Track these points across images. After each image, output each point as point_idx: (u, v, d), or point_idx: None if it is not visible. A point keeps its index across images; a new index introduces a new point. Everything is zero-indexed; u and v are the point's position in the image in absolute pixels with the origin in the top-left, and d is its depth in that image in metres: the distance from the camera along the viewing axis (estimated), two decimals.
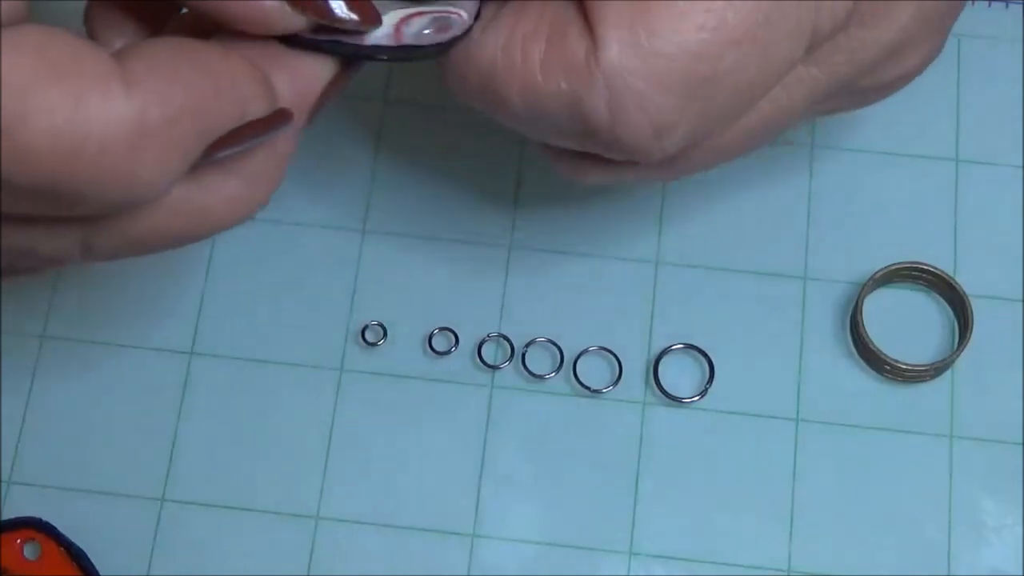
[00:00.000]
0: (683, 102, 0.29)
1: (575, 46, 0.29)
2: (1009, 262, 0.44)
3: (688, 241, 0.44)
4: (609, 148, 0.31)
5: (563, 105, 0.30)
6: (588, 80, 0.29)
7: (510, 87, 0.30)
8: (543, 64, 0.30)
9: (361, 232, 0.44)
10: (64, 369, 0.43)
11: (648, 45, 0.29)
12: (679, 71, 0.29)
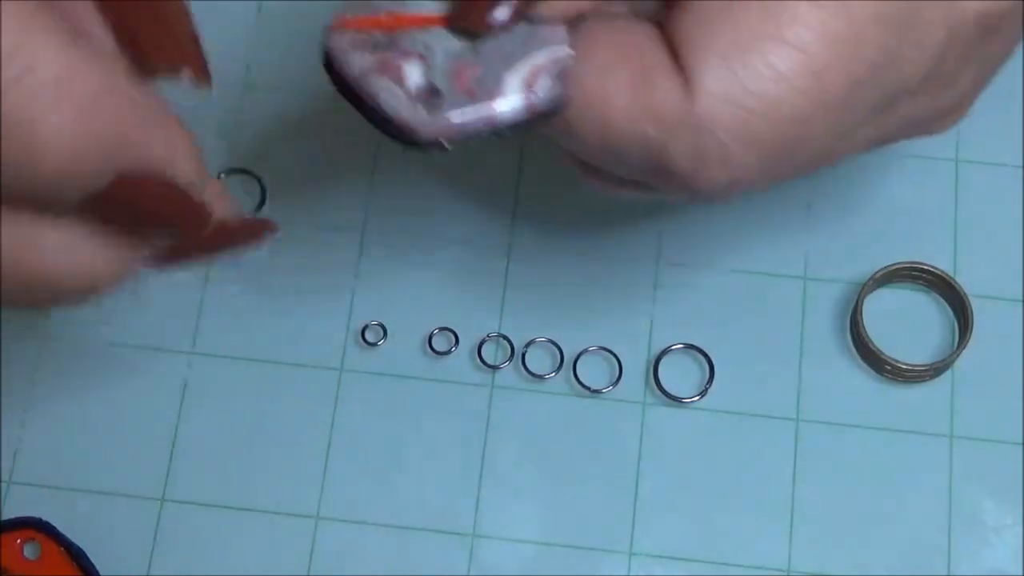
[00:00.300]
0: (767, 162, 0.29)
1: (665, 92, 0.29)
2: (1009, 262, 0.44)
3: (688, 241, 0.44)
4: (672, 187, 0.31)
5: (642, 148, 0.29)
6: (677, 130, 0.29)
7: (584, 121, 0.29)
8: (628, 105, 0.29)
9: (361, 232, 0.45)
10: (64, 369, 0.43)
11: (745, 103, 0.28)
12: (772, 132, 0.29)
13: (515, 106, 0.28)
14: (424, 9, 0.29)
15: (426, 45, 0.29)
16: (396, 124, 0.28)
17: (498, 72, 0.28)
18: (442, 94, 0.28)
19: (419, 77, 0.28)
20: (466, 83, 0.28)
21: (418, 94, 0.29)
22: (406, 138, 0.28)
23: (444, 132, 0.28)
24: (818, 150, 0.30)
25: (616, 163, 0.31)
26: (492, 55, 0.29)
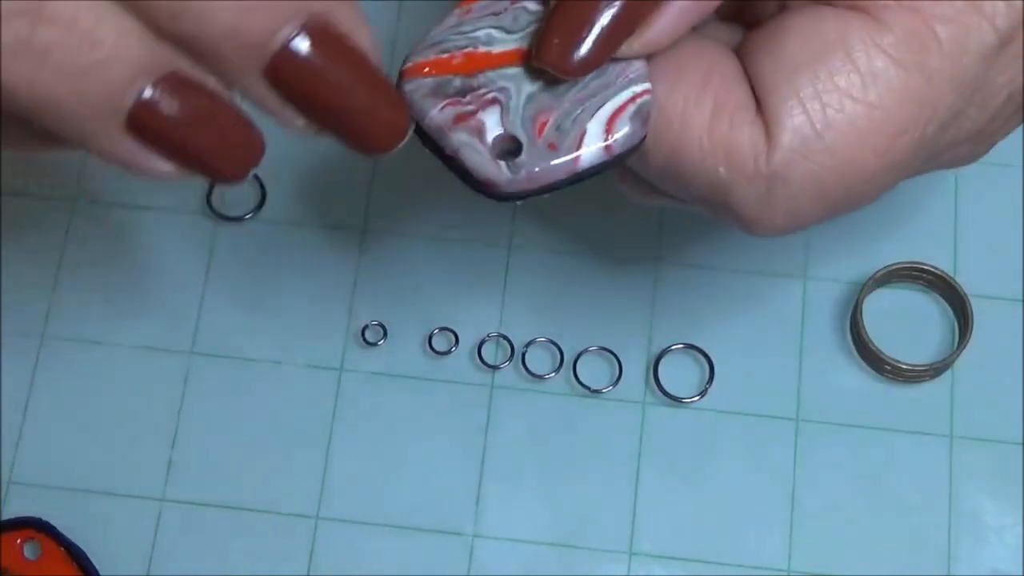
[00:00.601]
0: (829, 212, 0.30)
1: (746, 134, 0.28)
2: (1009, 262, 0.44)
3: (688, 241, 0.44)
4: (721, 217, 0.30)
5: (708, 184, 0.29)
6: (751, 174, 0.29)
7: (659, 146, 0.29)
8: (705, 140, 0.29)
9: (361, 232, 0.45)
10: (64, 369, 0.43)
11: (822, 160, 0.28)
12: (842, 188, 0.29)
13: (595, 154, 0.28)
14: (498, 47, 0.29)
15: (502, 87, 0.28)
16: (479, 181, 0.28)
17: (577, 117, 0.28)
18: (522, 146, 0.28)
19: (497, 126, 0.28)
20: (545, 132, 0.28)
21: (498, 147, 0.28)
22: (488, 193, 0.28)
23: (526, 188, 0.28)
24: (872, 198, 0.30)
25: (671, 186, 0.30)
26: (571, 95, 0.28)
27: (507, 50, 0.29)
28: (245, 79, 0.25)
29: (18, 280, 0.44)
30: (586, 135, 0.28)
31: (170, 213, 0.45)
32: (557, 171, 0.28)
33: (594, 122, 0.28)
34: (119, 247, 0.45)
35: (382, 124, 0.27)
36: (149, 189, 0.45)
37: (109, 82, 0.24)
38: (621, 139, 0.28)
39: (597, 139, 0.28)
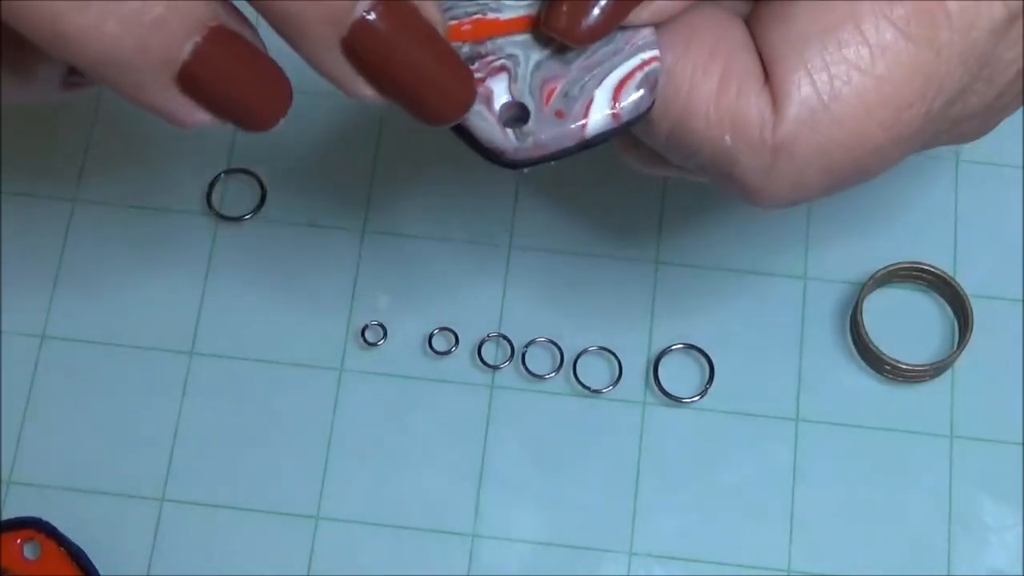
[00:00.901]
0: (834, 185, 0.29)
1: (753, 104, 0.28)
2: (1009, 262, 0.44)
3: (688, 241, 0.44)
4: (726, 188, 0.30)
5: (714, 152, 0.29)
6: (756, 145, 0.28)
7: (666, 114, 0.29)
8: (712, 109, 0.28)
9: (361, 232, 0.45)
10: (64, 369, 0.43)
11: (828, 132, 0.28)
12: (848, 161, 0.29)
13: (602, 122, 0.28)
14: (507, 13, 0.29)
15: (511, 54, 0.28)
16: (486, 149, 0.28)
17: (585, 84, 0.28)
18: (530, 114, 0.28)
19: (505, 93, 0.28)
20: (552, 99, 0.28)
21: (505, 114, 0.28)
22: (495, 161, 0.28)
23: (533, 156, 0.28)
24: (879, 171, 0.30)
25: (676, 155, 0.30)
26: (579, 62, 0.28)
27: (516, 16, 0.29)
28: (322, 48, 0.26)
29: (18, 280, 0.44)
30: (593, 103, 0.28)
31: (170, 213, 0.45)
32: (564, 139, 0.28)
33: (601, 89, 0.28)
34: (119, 247, 0.45)
35: (449, 95, 0.27)
36: (149, 189, 0.45)
37: (170, 35, 0.25)
38: (628, 107, 0.28)
39: (604, 107, 0.28)
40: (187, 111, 0.27)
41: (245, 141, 0.45)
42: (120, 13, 0.24)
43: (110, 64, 0.25)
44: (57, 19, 0.24)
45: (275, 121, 0.28)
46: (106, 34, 0.24)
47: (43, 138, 0.46)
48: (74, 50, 0.25)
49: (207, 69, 0.26)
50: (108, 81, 0.26)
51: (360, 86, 0.27)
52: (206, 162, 0.45)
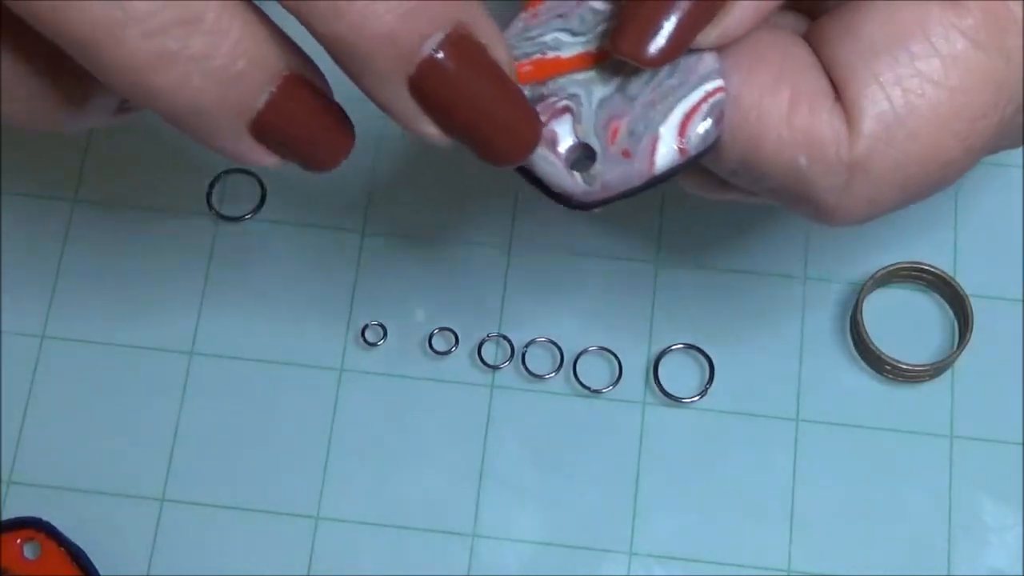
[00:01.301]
0: (908, 200, 0.29)
1: (826, 123, 0.28)
2: (1009, 262, 0.44)
3: (688, 241, 0.44)
4: (800, 210, 0.30)
5: (788, 175, 0.28)
6: (832, 164, 0.28)
7: (736, 141, 0.28)
8: (784, 131, 0.28)
9: (361, 232, 0.45)
10: (64, 369, 0.43)
11: (905, 147, 0.28)
12: (924, 175, 0.28)
13: (670, 158, 0.27)
14: (567, 51, 0.28)
15: (573, 94, 0.28)
16: (555, 193, 0.28)
17: (650, 120, 0.27)
18: (596, 154, 0.28)
19: (570, 135, 0.28)
20: (618, 138, 0.28)
21: (571, 156, 0.28)
22: (564, 204, 0.28)
23: (602, 197, 0.28)
24: (952, 182, 0.30)
25: (745, 181, 0.30)
26: (642, 97, 0.28)
27: (577, 54, 0.28)
28: (388, 85, 0.26)
29: (18, 280, 0.44)
30: (660, 139, 0.27)
31: (170, 213, 0.45)
32: (632, 178, 0.28)
33: (667, 125, 0.27)
34: (119, 247, 0.45)
35: (514, 136, 0.27)
36: (149, 189, 0.45)
37: (248, 88, 0.26)
38: (696, 141, 0.27)
39: (671, 142, 0.27)
40: (256, 155, 0.27)
41: None
42: (204, 69, 0.25)
43: (189, 114, 0.26)
44: (146, 75, 0.25)
45: (339, 162, 0.28)
46: (189, 89, 0.25)
47: (43, 138, 0.46)
48: (157, 102, 0.25)
49: (280, 117, 0.26)
50: (181, 127, 0.26)
51: (424, 124, 0.27)
52: (206, 162, 0.45)
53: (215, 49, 0.25)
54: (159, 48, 0.24)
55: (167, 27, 0.24)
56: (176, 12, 0.24)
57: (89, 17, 0.24)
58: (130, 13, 0.24)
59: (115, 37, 0.24)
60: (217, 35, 0.25)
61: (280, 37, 0.26)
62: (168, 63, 0.25)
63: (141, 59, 0.24)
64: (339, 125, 0.28)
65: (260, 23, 0.26)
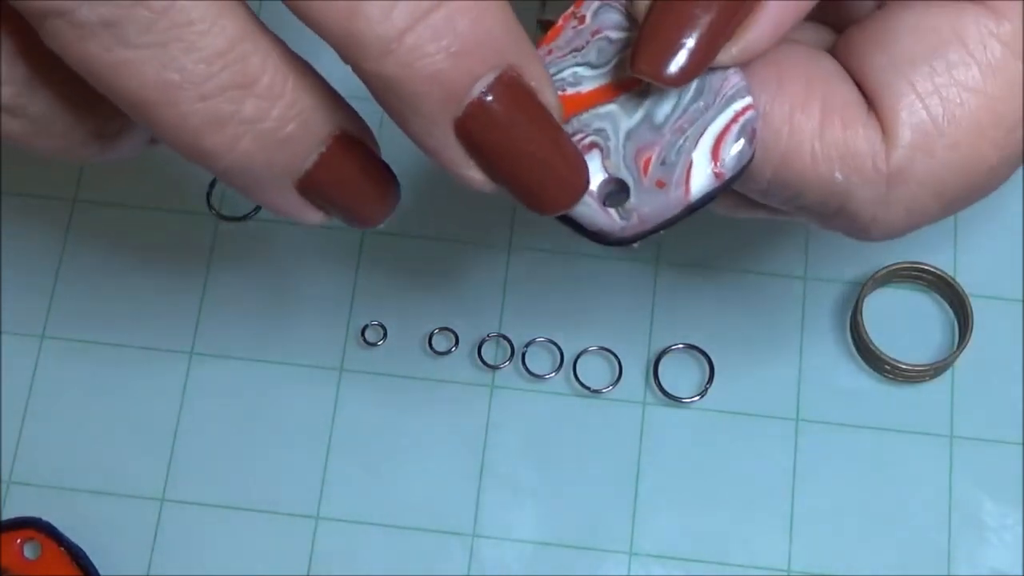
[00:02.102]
0: (947, 210, 0.29)
1: (861, 135, 0.27)
2: (1009, 262, 0.44)
3: (688, 241, 0.44)
4: (835, 225, 0.29)
5: (823, 190, 0.28)
6: (870, 176, 0.27)
7: (768, 159, 0.28)
8: (817, 146, 0.27)
9: (361, 232, 0.45)
10: (64, 369, 0.43)
11: (943, 157, 0.28)
12: (963, 185, 0.28)
13: (706, 183, 0.27)
14: (587, 85, 0.28)
15: (599, 128, 0.27)
16: (591, 233, 0.27)
17: (681, 147, 0.27)
18: (629, 189, 0.27)
19: (600, 171, 0.27)
20: (651, 169, 0.27)
21: (604, 192, 0.27)
22: (601, 242, 0.27)
23: (639, 231, 0.27)
24: (989, 192, 0.29)
25: (778, 199, 0.29)
26: (671, 124, 0.27)
27: (597, 87, 0.28)
28: (435, 128, 0.25)
29: (18, 280, 0.44)
30: (693, 165, 0.27)
31: (170, 213, 0.45)
32: (669, 208, 0.27)
33: (699, 150, 0.27)
34: (119, 247, 0.45)
35: (563, 184, 0.26)
36: (149, 189, 0.45)
37: (297, 150, 0.25)
38: (730, 163, 0.27)
39: (705, 167, 0.27)
40: (302, 212, 0.27)
41: None
42: (254, 132, 0.25)
43: (236, 173, 0.26)
44: (196, 136, 0.25)
45: (383, 220, 0.28)
46: (239, 150, 0.25)
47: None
48: (207, 162, 0.25)
49: (327, 178, 0.26)
50: (230, 182, 0.26)
51: (470, 170, 0.26)
52: None
53: (266, 113, 0.25)
54: (212, 111, 0.24)
55: (222, 90, 0.24)
56: (232, 76, 0.24)
57: (145, 80, 0.24)
58: (187, 76, 0.24)
59: (169, 99, 0.24)
60: (270, 99, 0.25)
61: (332, 97, 0.26)
62: (220, 126, 0.24)
63: (194, 122, 0.24)
64: (385, 184, 0.27)
65: (313, 85, 0.25)
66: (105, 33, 0.23)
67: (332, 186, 0.26)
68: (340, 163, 0.26)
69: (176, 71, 0.24)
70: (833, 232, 0.30)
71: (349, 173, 0.26)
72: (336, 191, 0.27)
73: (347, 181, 0.27)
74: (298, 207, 0.27)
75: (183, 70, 0.24)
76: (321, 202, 0.27)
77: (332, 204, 0.27)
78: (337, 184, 0.26)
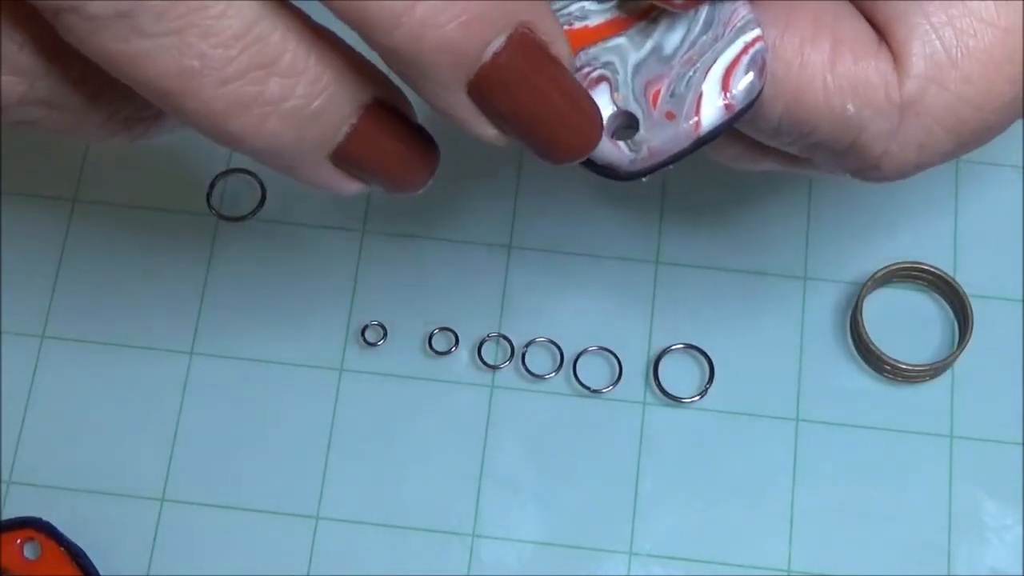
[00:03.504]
0: (960, 148, 0.28)
1: (873, 67, 0.27)
2: (1009, 262, 0.44)
3: (688, 241, 0.44)
4: (845, 164, 0.29)
5: (836, 124, 0.28)
6: (883, 107, 0.27)
7: (778, 94, 0.28)
8: (828, 79, 0.27)
9: (361, 232, 0.45)
10: (64, 369, 0.43)
11: (957, 89, 0.27)
12: (976, 120, 0.28)
13: (716, 115, 0.27)
14: (595, 19, 0.27)
15: (607, 62, 0.27)
16: (600, 166, 0.27)
17: (691, 79, 0.27)
18: (638, 121, 0.27)
19: (609, 104, 0.27)
20: (660, 101, 0.27)
21: (613, 125, 0.27)
22: (611, 176, 0.27)
23: (650, 164, 0.27)
24: (1002, 130, 0.29)
25: (789, 138, 0.29)
26: (680, 57, 0.27)
27: (605, 21, 0.27)
28: (447, 92, 0.25)
29: (18, 280, 0.44)
30: (703, 96, 0.27)
31: (170, 213, 0.45)
32: (679, 140, 0.27)
33: (709, 81, 0.27)
34: (119, 247, 0.45)
35: (576, 134, 0.26)
36: (149, 189, 0.45)
37: (326, 124, 0.25)
38: (740, 94, 0.27)
39: (715, 99, 0.27)
40: (338, 183, 0.27)
41: None
42: (280, 111, 0.25)
43: (269, 152, 0.25)
44: (222, 121, 0.24)
45: (423, 185, 0.28)
46: (267, 131, 0.25)
47: (43, 138, 0.46)
48: (236, 145, 0.25)
49: (360, 148, 0.26)
50: (263, 161, 0.26)
51: (483, 127, 0.26)
52: (206, 162, 0.45)
53: (291, 91, 0.24)
54: (235, 95, 0.24)
55: (243, 73, 0.24)
56: (252, 57, 0.24)
57: (164, 68, 0.24)
58: (207, 62, 0.24)
59: (191, 87, 0.24)
60: (293, 76, 0.24)
61: (360, 66, 0.26)
62: (244, 109, 0.24)
63: (218, 106, 0.24)
64: (422, 149, 0.27)
65: (339, 56, 0.25)
66: (119, 24, 0.23)
67: (367, 156, 0.26)
68: (373, 133, 0.26)
69: (195, 57, 0.24)
70: (844, 175, 0.30)
71: (383, 142, 0.26)
72: (372, 160, 0.26)
73: (382, 150, 0.26)
74: (335, 179, 0.27)
75: (202, 56, 0.24)
76: (357, 172, 0.27)
77: (369, 173, 0.27)
78: (372, 154, 0.26)
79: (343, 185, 0.27)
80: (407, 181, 0.27)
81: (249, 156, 0.26)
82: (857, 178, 0.30)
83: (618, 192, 0.44)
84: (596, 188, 0.45)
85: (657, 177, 0.28)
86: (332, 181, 0.27)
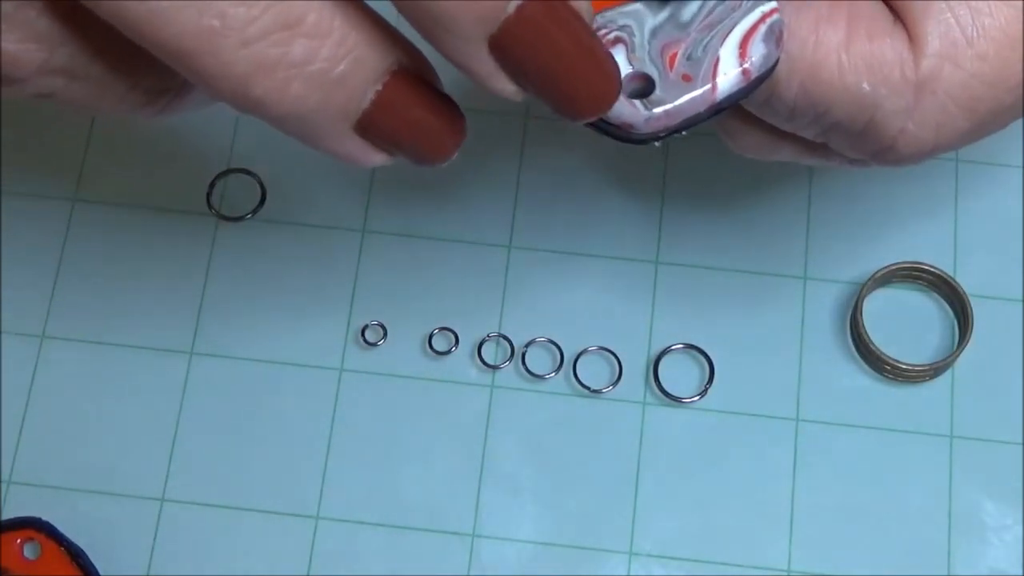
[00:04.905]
0: (976, 129, 0.28)
1: (888, 45, 0.27)
2: (1009, 262, 0.44)
3: (688, 241, 0.44)
4: (861, 147, 0.29)
5: (852, 104, 0.28)
6: (898, 85, 0.27)
7: (794, 72, 0.28)
8: (844, 57, 0.27)
9: (361, 232, 0.45)
10: (64, 369, 0.43)
11: (973, 67, 0.27)
12: (992, 100, 0.28)
13: (733, 80, 0.27)
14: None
15: (623, 25, 0.27)
16: (616, 126, 0.27)
17: (708, 44, 0.27)
18: (655, 83, 0.27)
19: (626, 65, 0.27)
20: (676, 64, 0.27)
21: (629, 86, 0.27)
22: (626, 138, 0.27)
23: (665, 125, 0.27)
24: (1017, 114, 0.29)
25: (805, 118, 0.29)
26: (697, 23, 0.27)
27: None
28: (469, 47, 0.24)
29: (18, 280, 0.44)
30: (720, 61, 0.27)
31: (170, 213, 0.45)
32: (695, 103, 0.27)
33: (726, 47, 0.27)
34: (119, 247, 0.45)
35: (595, 90, 0.26)
36: (149, 189, 0.45)
37: (352, 89, 0.25)
38: (757, 62, 0.27)
39: (732, 64, 0.27)
40: (364, 154, 0.26)
41: (245, 141, 0.45)
42: (304, 75, 0.24)
43: (291, 120, 0.25)
44: (244, 84, 0.24)
45: (451, 155, 0.27)
46: (290, 95, 0.24)
47: (43, 138, 0.46)
48: (258, 111, 0.24)
49: (386, 116, 0.25)
50: (284, 130, 0.25)
51: (501, 82, 0.25)
52: (206, 162, 0.45)
53: (316, 53, 0.24)
54: (258, 56, 0.23)
55: (266, 34, 0.23)
56: (276, 17, 0.23)
57: (182, 28, 0.23)
58: (227, 22, 0.23)
59: (211, 47, 0.23)
60: (318, 38, 0.24)
61: (385, 31, 0.25)
62: (267, 72, 0.24)
63: (240, 69, 0.23)
64: (449, 117, 0.27)
65: (364, 19, 0.25)
66: None
67: (393, 124, 0.26)
68: (399, 100, 0.25)
69: (215, 16, 0.23)
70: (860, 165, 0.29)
71: (409, 109, 0.26)
72: (397, 129, 0.26)
73: (408, 118, 0.26)
74: (360, 150, 0.26)
75: (222, 15, 0.23)
76: (383, 142, 0.26)
77: (394, 143, 0.26)
78: (398, 122, 0.26)
79: (368, 156, 0.26)
80: (434, 151, 0.27)
81: (272, 124, 0.25)
82: (875, 163, 0.30)
83: (618, 192, 0.45)
84: (597, 188, 0.45)
85: (658, 177, 0.28)
86: (356, 151, 0.26)
